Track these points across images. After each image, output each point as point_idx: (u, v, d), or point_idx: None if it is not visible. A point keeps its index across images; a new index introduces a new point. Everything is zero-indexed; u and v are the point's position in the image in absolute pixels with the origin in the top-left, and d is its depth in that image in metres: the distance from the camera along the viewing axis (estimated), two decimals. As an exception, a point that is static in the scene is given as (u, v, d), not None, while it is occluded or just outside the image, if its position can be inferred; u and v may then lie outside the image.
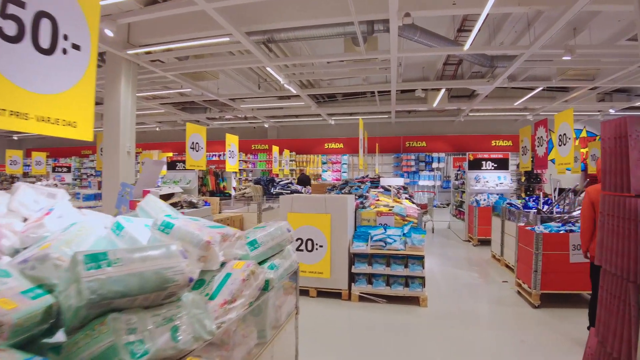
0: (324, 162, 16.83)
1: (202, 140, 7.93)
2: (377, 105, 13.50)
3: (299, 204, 5.33)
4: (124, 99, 8.20)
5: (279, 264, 2.24)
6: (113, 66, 8.24)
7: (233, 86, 12.35)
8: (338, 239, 5.16)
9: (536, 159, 7.18)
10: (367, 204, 5.96)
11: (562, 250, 4.94)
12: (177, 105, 15.79)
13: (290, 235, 2.48)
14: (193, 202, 6.63)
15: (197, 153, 7.77)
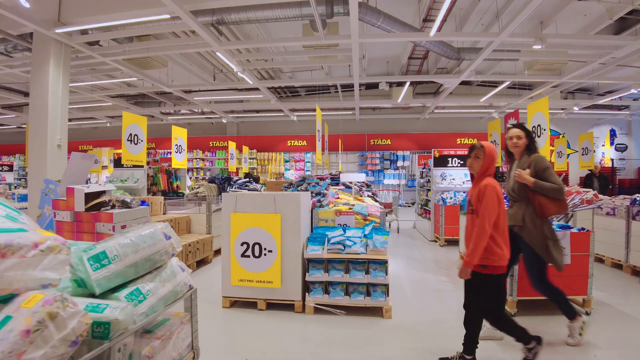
0: (286, 161, 16.12)
1: (141, 132, 7.06)
2: (340, 101, 12.91)
3: (244, 202, 4.60)
4: (54, 85, 7.21)
5: (151, 290, 1.51)
6: (41, 48, 7.24)
7: (186, 77, 11.45)
8: (290, 242, 4.47)
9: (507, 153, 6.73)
10: (326, 203, 5.30)
11: (539, 251, 4.43)
12: (129, 98, 14.69)
13: (171, 244, 1.76)
14: (126, 201, 5.77)
15: (135, 146, 6.90)
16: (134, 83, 12.19)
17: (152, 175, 13.34)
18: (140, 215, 5.90)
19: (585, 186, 9.68)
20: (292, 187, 6.19)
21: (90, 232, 5.52)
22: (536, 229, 3.55)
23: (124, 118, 6.67)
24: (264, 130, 16.80)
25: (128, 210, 5.67)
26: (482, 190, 2.96)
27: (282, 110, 14.22)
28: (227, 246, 4.66)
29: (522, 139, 3.74)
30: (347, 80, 10.61)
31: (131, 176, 11.13)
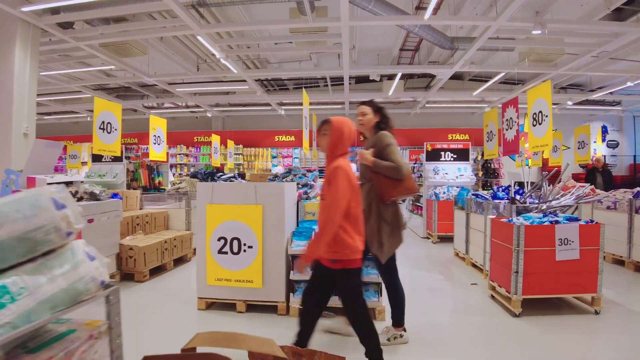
0: (274, 156, 15.65)
1: (115, 120, 6.53)
2: (329, 94, 12.48)
3: (222, 193, 4.14)
4: (20, 69, 6.66)
5: (28, 287, 1.01)
6: (6, 28, 6.67)
7: (168, 67, 10.91)
8: (273, 237, 4.02)
9: (505, 144, 6.36)
10: (313, 195, 4.86)
11: (547, 245, 4.05)
12: (110, 91, 14.08)
13: (65, 217, 1.25)
14: (94, 193, 5.28)
15: (109, 135, 6.37)
16: (113, 73, 11.61)
17: (133, 170, 12.77)
18: (111, 209, 5.41)
19: (587, 182, 9.30)
20: (278, 179, 5.74)
21: (54, 227, 5.01)
22: (372, 214, 3.17)
23: (95, 104, 6.15)
24: (250, 125, 16.29)
25: (94, 203, 5.17)
26: (331, 173, 2.59)
27: (270, 104, 13.74)
28: (203, 242, 4.20)
29: (368, 115, 3.49)
30: (337, 71, 10.19)
31: (110, 171, 10.59)
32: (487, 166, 14.24)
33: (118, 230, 5.58)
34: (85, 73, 11.46)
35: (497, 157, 6.96)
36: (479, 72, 12.53)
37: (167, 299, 4.80)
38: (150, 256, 5.69)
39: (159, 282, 5.61)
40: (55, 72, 10.21)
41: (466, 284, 5.46)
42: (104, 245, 5.27)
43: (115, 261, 5.55)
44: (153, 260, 5.76)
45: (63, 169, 16.83)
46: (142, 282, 5.55)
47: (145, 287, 5.36)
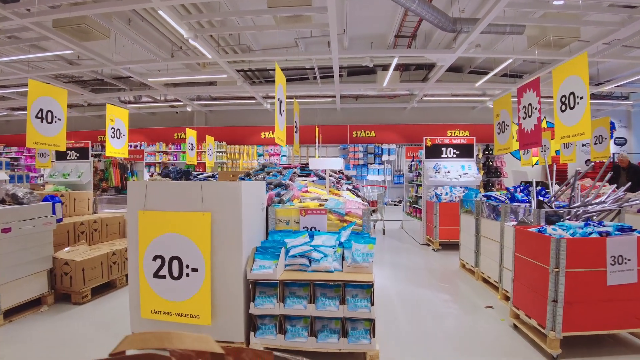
0: (259, 154, 14.55)
1: (59, 109, 5.44)
2: (318, 85, 11.40)
3: (157, 195, 3.07)
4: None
5: None
6: None
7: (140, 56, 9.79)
8: (226, 255, 2.95)
9: (521, 135, 5.33)
10: (288, 197, 3.79)
11: (595, 265, 3.02)
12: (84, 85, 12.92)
13: None
14: (17, 195, 4.19)
15: (49, 126, 5.27)
16: (77, 62, 10.46)
17: (103, 169, 11.62)
18: (35, 215, 4.30)
19: (611, 182, 8.22)
20: (248, 178, 4.66)
21: (-43, 239, 3.92)
22: None
23: (29, 88, 5.05)
24: (235, 121, 15.17)
25: (11, 208, 4.07)
26: None
27: (255, 98, 12.64)
28: (135, 261, 3.13)
29: None
30: (325, 56, 9.09)
31: (75, 170, 9.48)
32: (489, 165, 13.26)
33: (50, 240, 4.49)
34: (45, 61, 10.31)
35: (512, 150, 5.95)
36: (480, 65, 11.53)
37: (98, 331, 3.72)
38: (92, 272, 4.60)
39: (102, 305, 4.52)
40: (8, 58, 9.05)
41: (479, 306, 4.43)
42: (28, 259, 4.19)
43: (48, 279, 4.46)
44: (96, 276, 4.68)
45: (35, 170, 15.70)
46: (80, 304, 4.48)
47: (79, 312, 4.29)
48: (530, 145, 5.22)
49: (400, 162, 13.64)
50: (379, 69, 11.52)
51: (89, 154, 9.24)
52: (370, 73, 12.42)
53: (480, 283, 5.31)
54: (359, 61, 10.18)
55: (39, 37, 7.95)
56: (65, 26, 7.01)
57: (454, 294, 4.90)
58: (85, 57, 9.79)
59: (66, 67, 10.35)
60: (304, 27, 6.87)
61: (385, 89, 11.69)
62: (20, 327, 3.88)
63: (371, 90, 12.37)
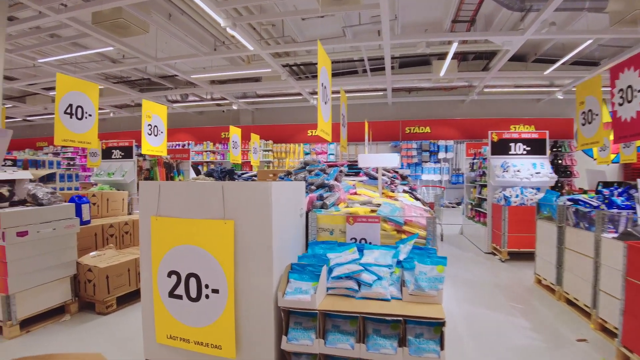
0: (306, 153, 14.01)
1: (89, 104, 5.11)
2: (368, 77, 10.65)
3: (172, 199, 2.52)
4: (-21, 43, 5.39)
5: None
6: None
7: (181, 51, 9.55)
8: (252, 274, 2.33)
9: (617, 125, 4.34)
10: (332, 201, 3.12)
11: None
12: (132, 85, 13.00)
13: None
14: (37, 195, 3.83)
15: (79, 122, 4.94)
16: (119, 59, 10.40)
17: (148, 168, 11.52)
18: (55, 217, 3.92)
19: None
20: (288, 177, 4.05)
21: (-24, 241, 3.60)
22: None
23: (57, 83, 4.74)
24: (281, 119, 14.75)
25: (27, 210, 3.69)
26: None
27: (301, 94, 12.10)
28: (148, 276, 2.60)
29: None
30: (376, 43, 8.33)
31: (119, 169, 9.39)
32: (557, 163, 11.91)
33: (73, 244, 4.11)
34: (93, 61, 10.33)
35: (601, 145, 4.95)
36: (547, 52, 10.27)
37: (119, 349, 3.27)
38: (117, 280, 4.19)
39: (127, 316, 4.10)
40: (52, 58, 9.07)
41: (567, 338, 3.55)
42: (48, 265, 3.83)
43: (71, 286, 4.10)
44: (122, 284, 4.26)
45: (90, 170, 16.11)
46: (104, 314, 4.09)
47: (102, 324, 3.88)
48: (630, 137, 4.22)
49: (459, 160, 12.57)
50: (434, 58, 10.61)
51: (133, 152, 9.10)
52: (424, 64, 11.50)
53: (563, 305, 4.39)
54: (413, 49, 9.36)
55: (79, 34, 7.84)
56: (104, 22, 6.78)
57: (533, 320, 4.03)
58: (130, 55, 9.69)
59: (110, 65, 10.29)
60: (350, 9, 6.16)
61: (441, 80, 10.75)
62: (37, 339, 3.52)
63: (426, 81, 11.44)
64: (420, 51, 8.25)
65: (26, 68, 10.73)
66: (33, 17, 6.74)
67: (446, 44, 9.26)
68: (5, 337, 3.50)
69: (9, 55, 8.65)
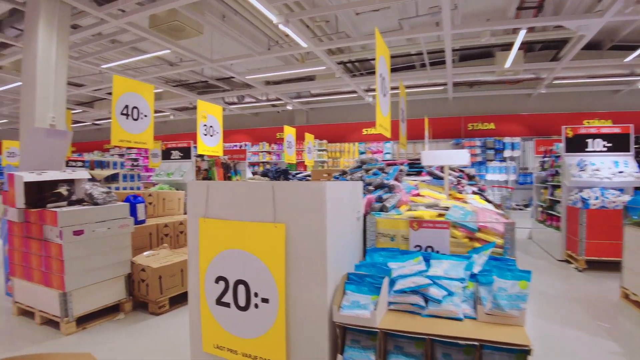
0: (361, 152, 13.72)
1: (145, 105, 5.15)
2: (428, 73, 10.17)
3: (220, 199, 2.34)
4: (44, 51, 5.63)
5: None
6: (31, 5, 5.73)
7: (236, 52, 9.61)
8: (304, 283, 2.09)
9: None
10: (393, 203, 2.81)
11: None
12: (191, 88, 13.38)
13: None
14: (92, 195, 3.85)
15: (135, 123, 4.99)
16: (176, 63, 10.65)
17: (206, 168, 11.74)
18: (110, 217, 3.92)
19: None
20: (344, 177, 3.80)
21: (38, 238, 3.68)
22: None
23: (114, 84, 4.81)
24: (335, 118, 14.55)
25: (82, 209, 3.70)
26: None
27: (356, 92, 11.81)
28: (195, 280, 2.46)
29: None
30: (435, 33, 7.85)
31: (178, 169, 9.63)
32: (640, 161, 10.72)
33: (127, 244, 4.12)
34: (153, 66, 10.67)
35: None
36: (625, 38, 9.28)
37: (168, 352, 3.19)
38: (170, 280, 4.14)
39: (179, 318, 4.05)
40: (114, 63, 9.45)
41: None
42: (103, 264, 3.85)
43: (126, 285, 4.11)
44: (174, 285, 4.21)
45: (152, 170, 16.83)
46: (157, 314, 4.06)
47: (154, 324, 3.85)
48: None
49: (527, 158, 11.71)
50: (497, 49, 9.96)
51: (191, 153, 9.30)
52: (487, 56, 10.82)
53: (661, 325, 3.80)
54: (475, 40, 8.79)
55: (137, 38, 8.09)
56: (160, 25, 6.91)
57: (624, 343, 3.48)
58: (187, 58, 9.90)
59: (168, 68, 10.57)
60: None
61: (506, 72, 10.04)
62: (92, 336, 3.55)
63: (489, 75, 10.73)
64: (485, 40, 7.68)
65: (93, 75, 11.30)
66: (94, 24, 7.00)
67: (511, 33, 8.62)
68: (62, 332, 3.56)
69: (76, 62, 9.10)
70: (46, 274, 3.64)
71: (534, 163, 9.59)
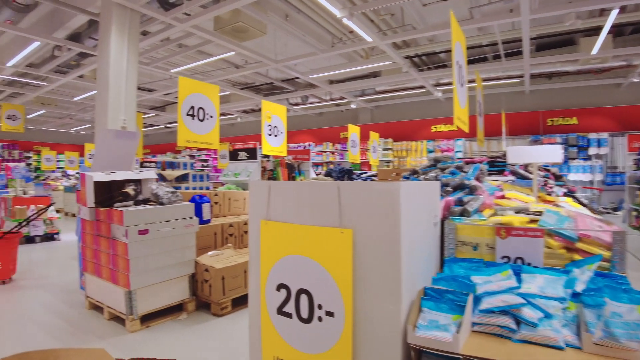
0: (430, 151, 13.13)
1: (210, 105, 5.18)
2: (502, 64, 9.46)
3: (283, 202, 2.17)
4: (117, 55, 5.85)
5: None
6: (105, 16, 6.01)
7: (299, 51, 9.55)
8: (374, 297, 1.86)
9: None
10: (475, 207, 2.48)
11: None
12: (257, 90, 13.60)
13: None
14: (158, 195, 3.88)
15: (201, 123, 5.03)
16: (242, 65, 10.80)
17: (272, 169, 11.86)
18: (175, 216, 3.93)
19: None
20: (415, 177, 3.49)
21: (107, 236, 3.77)
22: None
23: (180, 85, 4.87)
24: (401, 115, 14.06)
25: (147, 209, 3.72)
26: None
27: (423, 87, 11.30)
28: (256, 286, 2.31)
29: None
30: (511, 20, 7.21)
31: (244, 170, 9.81)
32: None
33: (192, 244, 4.13)
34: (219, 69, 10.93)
35: None
36: None
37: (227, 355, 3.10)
38: (233, 281, 4.09)
39: (241, 320, 3.99)
40: (181, 67, 9.76)
41: None
42: (167, 264, 3.87)
43: (189, 285, 4.11)
44: (237, 286, 4.16)
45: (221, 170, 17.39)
46: (219, 316, 4.02)
47: (215, 326, 3.81)
48: None
49: (616, 155, 10.50)
50: (580, 35, 9.03)
51: (257, 154, 9.44)
52: (567, 44, 9.87)
53: None
54: (556, 27, 8.01)
55: (202, 42, 8.26)
56: (224, 27, 6.97)
57: None
58: (252, 60, 10.01)
59: (234, 71, 10.75)
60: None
61: (592, 60, 9.05)
62: (155, 335, 3.57)
63: (570, 64, 9.73)
64: (569, 25, 6.92)
65: (163, 80, 11.81)
66: (162, 29, 7.23)
67: (597, 16, 7.76)
68: (127, 330, 3.62)
69: (147, 68, 9.52)
70: (113, 272, 3.72)
71: (625, 161, 8.61)
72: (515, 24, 8.14)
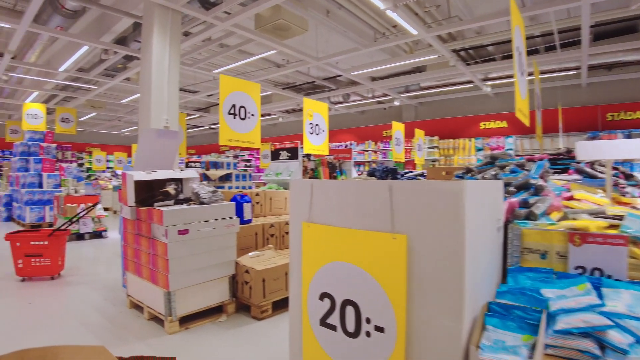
0: (478, 149, 12.57)
1: (252, 104, 5.10)
2: (557, 56, 8.86)
3: (326, 202, 2.00)
4: (159, 56, 5.93)
5: None
6: (147, 17, 6.10)
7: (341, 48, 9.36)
8: (432, 312, 1.64)
9: None
10: (542, 210, 2.20)
11: None
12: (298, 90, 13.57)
13: None
14: (199, 194, 3.82)
15: (242, 122, 4.96)
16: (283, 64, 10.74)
17: (313, 168, 11.76)
18: (215, 216, 3.85)
19: None
20: (469, 176, 3.22)
21: (147, 235, 3.75)
22: None
23: (221, 84, 4.81)
24: (448, 112, 13.56)
25: (187, 208, 3.66)
26: None
27: (472, 82, 10.81)
28: (297, 293, 2.15)
29: None
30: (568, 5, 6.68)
31: (285, 169, 9.78)
32: None
33: (232, 244, 4.05)
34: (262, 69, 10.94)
35: None
36: None
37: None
38: (274, 284, 3.97)
39: (281, 324, 3.86)
40: (223, 68, 9.82)
41: None
42: (207, 264, 3.80)
43: (229, 286, 4.03)
44: (278, 289, 4.03)
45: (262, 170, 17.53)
46: (259, 319, 3.91)
47: (255, 330, 3.70)
48: None
49: (686, 153, 9.62)
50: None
51: (298, 153, 9.37)
52: (629, 32, 9.10)
53: None
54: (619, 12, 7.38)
55: (243, 41, 8.24)
56: (265, 25, 6.90)
57: None
58: (293, 59, 9.93)
59: (275, 70, 10.72)
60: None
61: (662, 51, 8.30)
62: (194, 337, 3.49)
63: (634, 54, 8.96)
64: (635, 8, 6.34)
65: (207, 82, 11.97)
66: (203, 29, 7.26)
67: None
68: (166, 331, 3.57)
69: (190, 69, 9.65)
70: (153, 272, 3.68)
71: (701, 158, 7.77)
72: (572, 11, 7.58)
